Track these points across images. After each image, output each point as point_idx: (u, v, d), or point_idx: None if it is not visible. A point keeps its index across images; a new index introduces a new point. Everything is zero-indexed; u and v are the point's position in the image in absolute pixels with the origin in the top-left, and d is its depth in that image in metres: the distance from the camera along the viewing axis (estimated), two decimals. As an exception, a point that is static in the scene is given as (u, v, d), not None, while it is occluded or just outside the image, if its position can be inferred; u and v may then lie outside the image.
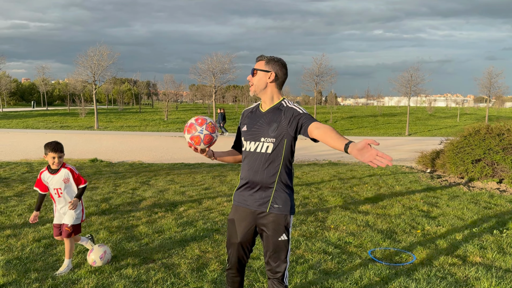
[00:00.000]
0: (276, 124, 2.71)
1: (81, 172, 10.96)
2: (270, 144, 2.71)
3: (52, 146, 4.10)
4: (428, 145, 21.93)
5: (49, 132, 25.58)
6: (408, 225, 5.87)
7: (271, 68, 2.79)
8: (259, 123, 2.80)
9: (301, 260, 4.40)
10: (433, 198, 7.89)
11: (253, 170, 2.74)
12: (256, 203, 2.74)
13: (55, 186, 4.17)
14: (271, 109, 2.80)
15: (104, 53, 28.85)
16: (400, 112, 58.17)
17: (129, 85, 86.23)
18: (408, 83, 31.30)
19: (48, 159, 4.11)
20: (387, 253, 4.70)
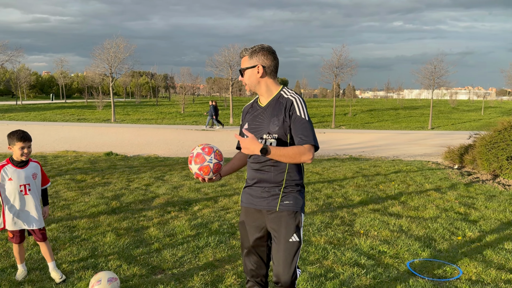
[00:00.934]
0: (277, 119, 2.53)
1: (95, 166, 10.61)
2: (273, 140, 2.54)
3: (20, 135, 3.54)
4: (453, 139, 21.06)
5: (66, 125, 25.50)
6: (447, 231, 5.27)
7: (256, 61, 2.61)
8: (259, 119, 2.62)
9: (330, 274, 3.85)
10: (468, 198, 7.24)
11: (259, 169, 2.59)
12: (264, 202, 2.57)
13: (22, 182, 3.59)
14: (271, 102, 2.62)
15: (121, 45, 28.59)
16: (421, 105, 56.74)
17: (146, 78, 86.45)
18: (432, 75, 30.20)
19: (15, 150, 3.54)
20: (429, 266, 4.12)
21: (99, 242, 4.71)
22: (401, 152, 15.78)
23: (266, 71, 2.62)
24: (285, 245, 2.49)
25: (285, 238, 2.50)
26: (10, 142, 3.55)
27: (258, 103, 2.73)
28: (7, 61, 31.70)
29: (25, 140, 3.55)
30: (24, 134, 3.55)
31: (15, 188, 3.57)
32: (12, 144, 3.54)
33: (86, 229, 5.20)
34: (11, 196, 3.58)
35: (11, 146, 3.55)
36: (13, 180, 3.56)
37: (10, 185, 3.56)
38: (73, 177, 8.90)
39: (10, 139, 3.55)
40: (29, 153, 3.59)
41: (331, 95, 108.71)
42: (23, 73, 49.69)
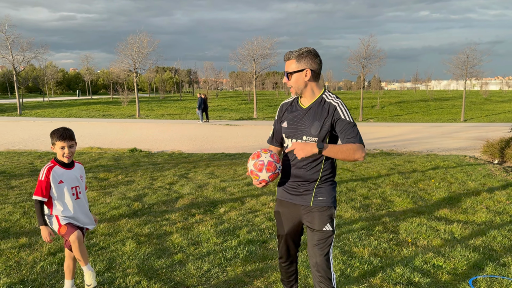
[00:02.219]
0: (319, 123, 2.64)
1: (119, 163, 10.34)
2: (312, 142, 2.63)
3: (60, 133, 3.17)
4: (488, 131, 20.02)
5: (91, 121, 25.56)
6: (507, 239, 4.63)
7: (304, 65, 2.67)
8: (300, 120, 2.72)
9: (381, 297, 3.31)
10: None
11: (296, 166, 2.72)
12: (299, 198, 2.74)
13: (72, 184, 3.22)
14: (313, 104, 2.71)
15: (144, 40, 28.41)
16: (452, 96, 54.85)
17: (170, 73, 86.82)
18: (464, 65, 28.86)
19: (56, 150, 3.19)
20: (495, 284, 3.52)
21: (117, 251, 4.30)
22: (435, 146, 14.97)
23: (313, 75, 2.68)
24: (319, 235, 2.67)
25: (319, 228, 2.67)
26: (52, 141, 3.21)
27: (299, 103, 2.79)
28: (33, 58, 32.02)
29: (65, 139, 3.16)
30: (64, 132, 3.18)
31: (68, 192, 3.20)
32: (53, 143, 3.21)
33: (105, 236, 4.81)
34: (63, 201, 3.20)
35: (53, 146, 3.22)
36: (64, 182, 3.19)
37: (60, 188, 3.18)
38: (96, 175, 8.61)
39: (51, 137, 3.22)
40: (71, 153, 3.21)
41: (356, 87, 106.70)
42: (50, 70, 50.47)
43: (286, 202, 2.82)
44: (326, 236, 2.66)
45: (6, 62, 31.03)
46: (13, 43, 30.05)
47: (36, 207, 3.17)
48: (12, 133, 18.09)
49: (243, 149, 13.52)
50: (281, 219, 2.85)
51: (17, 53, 30.55)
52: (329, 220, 2.67)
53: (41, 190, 3.12)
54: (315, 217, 2.67)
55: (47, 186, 3.13)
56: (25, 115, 29.70)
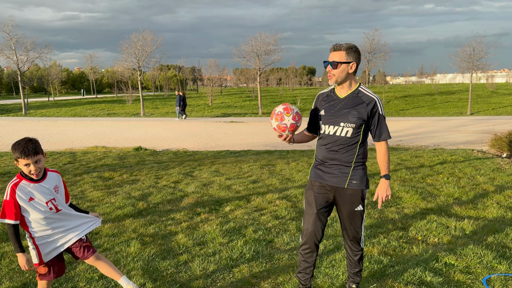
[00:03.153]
0: (356, 112, 2.90)
1: (124, 162, 10.28)
2: (349, 129, 2.92)
3: (21, 149, 2.66)
4: (495, 125, 19.80)
5: (96, 120, 25.57)
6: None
7: (352, 58, 2.91)
8: (337, 108, 2.96)
9: (393, 298, 3.21)
10: (533, 194, 6.41)
11: (332, 150, 2.98)
12: (334, 179, 2.98)
13: (46, 198, 2.76)
14: (350, 95, 2.97)
15: (147, 38, 28.33)
16: (458, 90, 54.39)
17: (174, 71, 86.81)
18: (470, 58, 28.56)
19: (21, 167, 2.71)
20: (510, 283, 3.42)
21: (122, 253, 4.23)
22: (442, 140, 14.81)
23: (355, 69, 2.94)
24: (352, 214, 3.00)
25: (351, 208, 2.98)
26: (14, 157, 2.71)
27: (335, 93, 3.05)
28: (38, 58, 32.06)
29: (28, 155, 2.66)
30: (26, 147, 2.66)
31: (42, 209, 2.76)
32: (15, 159, 2.72)
33: (109, 236, 4.74)
34: (38, 220, 2.77)
35: (17, 162, 2.72)
36: (35, 199, 2.73)
37: (33, 207, 2.73)
38: (100, 174, 8.56)
39: (13, 152, 2.71)
40: (39, 169, 2.74)
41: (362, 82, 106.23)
42: (54, 69, 50.60)
43: (318, 182, 3.05)
44: (359, 215, 3.02)
45: (11, 63, 31.08)
46: (17, 43, 30.09)
47: (9, 231, 2.72)
48: (17, 133, 18.11)
49: (248, 146, 13.43)
50: (313, 198, 3.03)
51: (21, 53, 30.60)
52: (361, 201, 2.99)
53: (8, 212, 2.67)
54: (348, 199, 2.97)
55: (16, 205, 2.68)
56: (30, 115, 29.78)
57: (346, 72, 2.92)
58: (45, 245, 2.84)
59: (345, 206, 2.98)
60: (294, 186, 7.16)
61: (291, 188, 7.04)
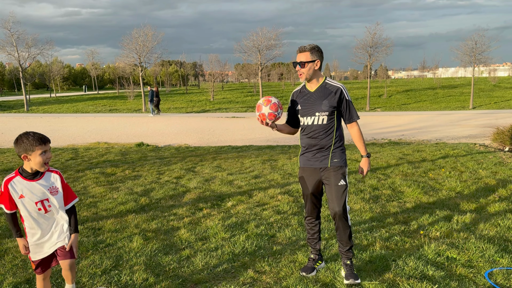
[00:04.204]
0: (327, 101, 3.41)
1: (126, 158, 10.29)
2: (324, 116, 3.43)
3: (39, 136, 2.70)
4: (497, 119, 19.75)
5: (98, 116, 25.59)
6: (523, 230, 4.52)
7: (316, 56, 3.41)
8: (310, 101, 3.47)
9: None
10: (535, 187, 6.40)
11: (313, 138, 3.47)
12: (318, 162, 3.48)
13: (38, 197, 2.75)
14: (319, 88, 3.48)
15: (149, 34, 28.29)
16: (460, 84, 54.17)
17: (176, 67, 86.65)
18: (472, 52, 28.44)
19: (35, 158, 2.70)
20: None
21: (124, 248, 4.25)
22: (444, 135, 14.79)
23: (320, 65, 3.46)
24: (335, 188, 3.41)
25: (335, 183, 3.41)
26: (26, 149, 2.68)
27: (306, 88, 3.54)
28: (39, 55, 32.06)
29: (46, 141, 2.73)
30: (41, 135, 2.73)
31: (31, 208, 2.77)
32: (29, 150, 2.67)
33: (112, 232, 4.76)
34: (28, 218, 2.80)
35: (28, 154, 2.69)
36: (25, 197, 2.73)
37: (23, 204, 2.75)
38: (103, 170, 8.58)
39: (24, 145, 2.67)
40: (51, 158, 2.79)
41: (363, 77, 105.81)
42: (56, 66, 50.56)
43: (308, 168, 3.53)
44: (342, 190, 3.40)
45: (12, 59, 31.11)
46: (18, 39, 30.12)
47: (6, 217, 2.82)
48: (19, 129, 18.15)
49: (250, 142, 13.45)
50: (305, 182, 3.55)
51: (23, 50, 30.62)
52: (342, 176, 3.43)
53: (4, 201, 2.74)
54: (332, 175, 3.42)
55: (10, 198, 2.73)
56: (32, 112, 29.82)
57: (312, 69, 3.41)
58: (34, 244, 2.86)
59: (330, 182, 3.42)
60: (296, 181, 7.16)
61: (293, 183, 7.04)
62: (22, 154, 2.70)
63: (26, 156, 2.69)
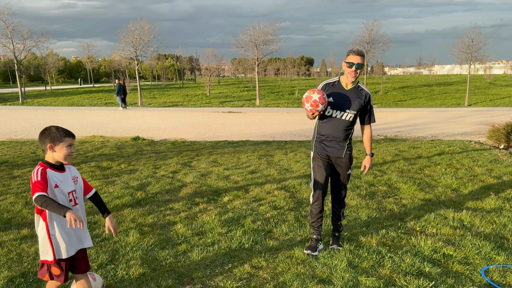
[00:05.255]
0: (358, 102, 3.87)
1: (121, 151, 10.26)
2: (352, 115, 3.87)
3: (65, 130, 2.75)
4: (493, 116, 19.81)
5: (94, 109, 25.44)
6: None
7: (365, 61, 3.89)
8: (345, 97, 3.87)
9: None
10: (530, 185, 6.43)
11: (335, 129, 3.90)
12: (334, 151, 3.93)
13: (68, 188, 2.74)
14: (353, 88, 3.91)
15: (145, 27, 28.07)
16: (456, 81, 54.32)
17: (172, 60, 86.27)
18: (469, 49, 28.47)
19: (61, 150, 2.70)
20: (508, 274, 3.43)
21: (120, 242, 4.23)
22: (439, 131, 14.82)
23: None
24: (343, 176, 4.01)
25: (345, 171, 4.00)
26: (54, 139, 2.69)
27: (341, 84, 3.95)
28: (34, 47, 31.78)
29: (73, 136, 2.78)
30: (67, 129, 2.78)
31: (64, 198, 2.72)
32: (57, 141, 2.69)
33: (108, 226, 4.73)
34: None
35: (55, 145, 2.69)
36: (59, 187, 2.69)
37: (58, 194, 2.69)
38: (98, 164, 8.53)
39: (53, 134, 2.69)
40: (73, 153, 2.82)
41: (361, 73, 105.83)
42: (51, 58, 50.17)
43: (322, 153, 3.97)
44: (348, 177, 4.03)
45: (7, 51, 30.83)
46: (13, 31, 29.80)
47: (44, 203, 2.52)
48: (14, 122, 18.02)
49: (246, 137, 13.41)
50: (320, 166, 3.94)
51: (18, 42, 30.32)
52: (350, 167, 4.01)
53: (41, 187, 2.58)
54: (344, 165, 3.96)
55: (45, 184, 2.61)
56: (27, 104, 29.61)
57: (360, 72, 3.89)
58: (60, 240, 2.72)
59: (342, 170, 3.96)
60: (292, 177, 7.16)
61: (290, 178, 7.04)
62: (48, 144, 2.69)
63: (53, 146, 2.69)
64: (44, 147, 2.71)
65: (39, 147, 10.93)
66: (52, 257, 2.69)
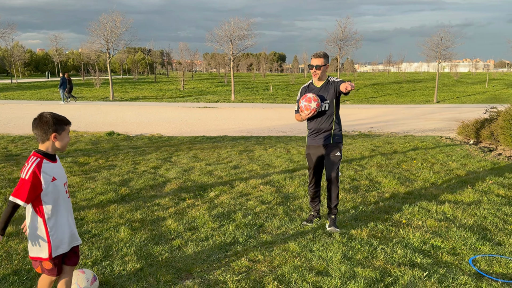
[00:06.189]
0: (331, 91, 4.43)
1: (97, 147, 10.06)
2: (326, 104, 4.44)
3: (63, 117, 2.67)
4: (460, 113, 20.50)
5: (64, 103, 24.76)
6: (498, 218, 4.76)
7: (327, 61, 4.44)
8: (319, 93, 4.46)
9: (388, 279, 3.30)
10: (503, 178, 6.73)
11: (319, 122, 4.48)
12: (323, 140, 4.50)
13: (63, 180, 2.67)
14: (324, 84, 4.51)
15: (117, 19, 27.50)
16: (424, 78, 55.84)
17: (143, 54, 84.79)
18: (438, 47, 29.35)
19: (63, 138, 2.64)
20: (495, 263, 3.60)
21: (112, 238, 4.18)
22: (411, 127, 15.24)
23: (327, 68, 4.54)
24: (332, 157, 4.47)
25: (333, 154, 4.47)
26: (58, 129, 2.61)
27: (313, 84, 4.59)
28: (0, 38, 30.58)
29: (70, 122, 2.72)
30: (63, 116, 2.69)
31: (62, 190, 2.64)
32: (60, 130, 2.61)
33: (96, 222, 4.66)
34: (58, 207, 2.64)
35: (59, 134, 2.61)
36: (57, 179, 2.62)
37: (56, 187, 2.60)
38: (75, 159, 8.35)
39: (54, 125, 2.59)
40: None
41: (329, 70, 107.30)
42: (17, 50, 48.38)
43: (314, 145, 4.56)
44: (337, 159, 4.47)
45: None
46: (-23, 22, 28.57)
47: (6, 210, 2.50)
48: (-20, 116, 17.33)
49: (224, 132, 13.39)
50: (312, 157, 4.59)
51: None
52: (339, 149, 4.48)
53: (23, 192, 2.48)
54: (332, 149, 4.46)
55: (35, 188, 2.51)
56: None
57: (325, 71, 4.46)
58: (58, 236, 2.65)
59: (330, 153, 4.47)
60: (275, 172, 7.22)
61: (273, 173, 7.10)
62: (52, 133, 2.59)
63: (56, 136, 2.60)
64: (45, 137, 2.60)
65: (10, 142, 10.58)
66: (48, 254, 2.62)
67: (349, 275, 3.34)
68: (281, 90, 37.46)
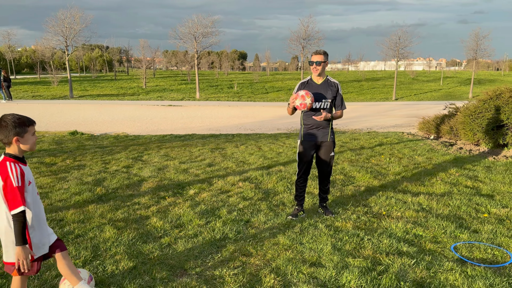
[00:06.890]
0: (331, 91, 4.67)
1: (62, 147, 9.74)
2: (328, 102, 4.66)
3: (27, 117, 2.58)
4: (418, 109, 21.34)
5: (21, 103, 23.70)
6: (471, 208, 5.03)
7: (327, 58, 4.67)
8: (319, 91, 4.65)
9: (380, 268, 3.44)
10: (468, 171, 7.11)
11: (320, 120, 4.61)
12: (320, 137, 4.68)
13: (33, 181, 2.66)
14: (323, 82, 4.71)
15: (76, 15, 26.60)
16: (382, 77, 57.58)
17: (100, 51, 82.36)
18: (396, 46, 30.38)
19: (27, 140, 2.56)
20: (474, 250, 3.82)
21: (98, 238, 4.09)
22: (373, 124, 15.72)
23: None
24: (329, 157, 4.76)
25: (329, 153, 4.74)
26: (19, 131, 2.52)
27: (313, 81, 4.75)
28: None
29: (34, 122, 2.63)
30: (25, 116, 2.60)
31: (35, 192, 2.63)
32: (23, 132, 2.52)
33: (77, 223, 4.54)
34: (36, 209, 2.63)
35: (22, 137, 2.53)
36: (32, 183, 2.60)
37: (32, 190, 2.60)
38: (41, 160, 8.05)
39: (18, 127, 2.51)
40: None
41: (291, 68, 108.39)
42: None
43: (308, 141, 4.72)
44: (332, 158, 4.77)
45: None
46: None
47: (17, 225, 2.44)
48: None
49: (192, 130, 13.30)
50: (306, 152, 4.73)
51: None
52: (333, 149, 4.76)
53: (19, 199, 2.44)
54: (328, 148, 4.71)
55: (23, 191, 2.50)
56: None
57: (324, 68, 4.65)
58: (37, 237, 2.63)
59: (326, 152, 4.71)
60: (251, 169, 7.27)
61: (249, 170, 7.15)
62: (13, 137, 2.51)
63: (19, 138, 2.52)
64: (7, 140, 2.52)
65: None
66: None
67: (342, 265, 3.44)
68: (245, 88, 37.54)
